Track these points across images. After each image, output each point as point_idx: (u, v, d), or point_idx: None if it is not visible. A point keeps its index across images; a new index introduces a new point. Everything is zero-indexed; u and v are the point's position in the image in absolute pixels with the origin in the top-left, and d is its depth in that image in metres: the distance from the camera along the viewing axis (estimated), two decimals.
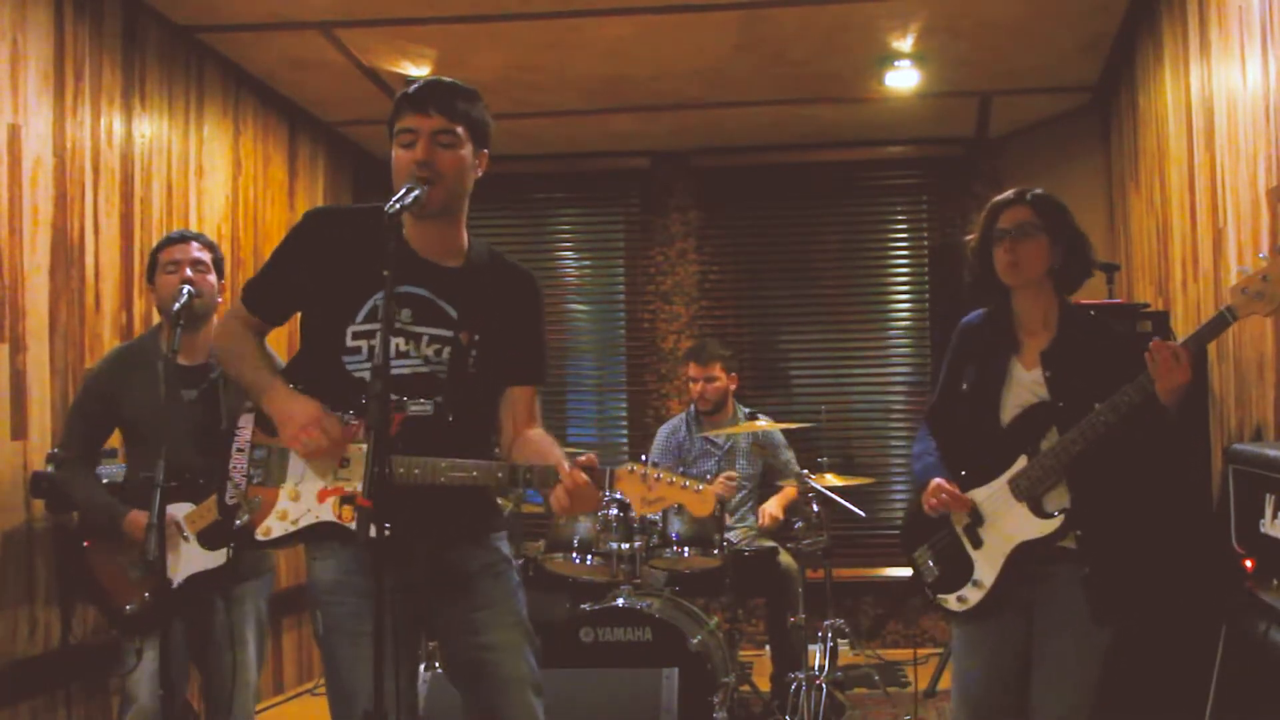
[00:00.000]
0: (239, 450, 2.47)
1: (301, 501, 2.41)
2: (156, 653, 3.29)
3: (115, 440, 3.64)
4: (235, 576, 3.43)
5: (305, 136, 6.16)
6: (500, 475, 2.33)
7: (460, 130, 2.39)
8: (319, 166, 6.35)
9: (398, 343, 2.39)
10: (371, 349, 2.37)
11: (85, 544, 3.48)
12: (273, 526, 2.41)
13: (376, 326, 2.33)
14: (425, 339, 2.42)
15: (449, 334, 2.43)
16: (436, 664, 3.39)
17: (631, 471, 2.30)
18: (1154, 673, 3.34)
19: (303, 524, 2.39)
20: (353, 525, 2.24)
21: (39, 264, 4.00)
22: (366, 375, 2.24)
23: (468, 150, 2.41)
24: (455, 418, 2.40)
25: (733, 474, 5.06)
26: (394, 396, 2.32)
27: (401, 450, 2.29)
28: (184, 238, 3.55)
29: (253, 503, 2.43)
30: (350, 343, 2.39)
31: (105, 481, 3.53)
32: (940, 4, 4.86)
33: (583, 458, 2.32)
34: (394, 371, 2.34)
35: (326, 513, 2.38)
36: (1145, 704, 3.36)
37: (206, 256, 3.52)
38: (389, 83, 5.59)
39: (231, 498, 2.44)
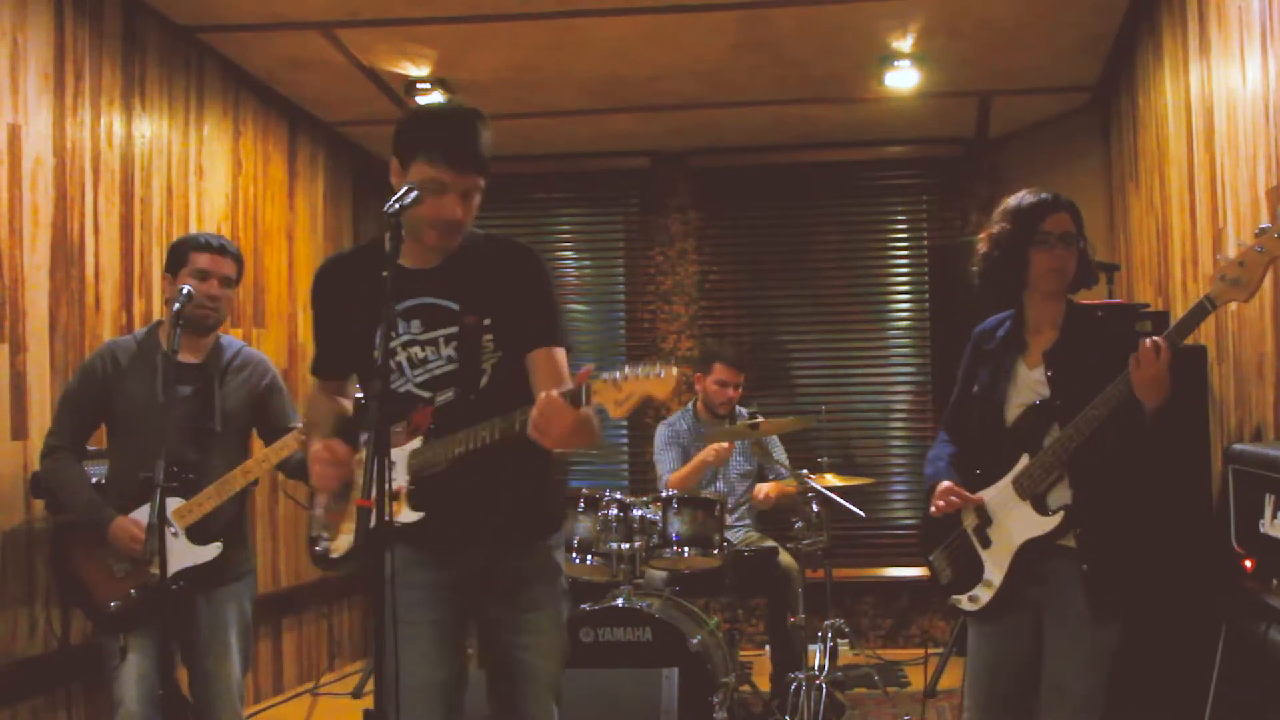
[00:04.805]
0: None
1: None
2: (140, 655, 3.29)
3: (99, 440, 3.60)
4: (219, 578, 3.43)
5: (305, 136, 6.16)
6: (516, 427, 2.34)
7: (483, 182, 2.49)
8: (319, 166, 6.34)
9: (419, 352, 2.52)
10: (408, 359, 2.53)
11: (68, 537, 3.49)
12: (342, 543, 2.57)
13: (405, 339, 2.53)
14: (442, 340, 2.53)
15: (457, 327, 2.53)
16: None
17: (604, 381, 2.30)
18: (1154, 673, 3.34)
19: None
20: (401, 519, 2.43)
21: (39, 264, 4.00)
22: (410, 388, 2.53)
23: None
24: (475, 397, 2.50)
25: (722, 444, 4.97)
26: (426, 395, 2.52)
27: (437, 438, 2.46)
28: (223, 250, 3.49)
29: (330, 527, 2.61)
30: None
31: (93, 480, 3.51)
32: (940, 4, 4.86)
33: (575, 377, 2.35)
34: (423, 378, 2.53)
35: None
36: (1145, 704, 3.36)
37: (234, 273, 3.52)
38: (389, 83, 5.59)
39: (314, 530, 2.65)
